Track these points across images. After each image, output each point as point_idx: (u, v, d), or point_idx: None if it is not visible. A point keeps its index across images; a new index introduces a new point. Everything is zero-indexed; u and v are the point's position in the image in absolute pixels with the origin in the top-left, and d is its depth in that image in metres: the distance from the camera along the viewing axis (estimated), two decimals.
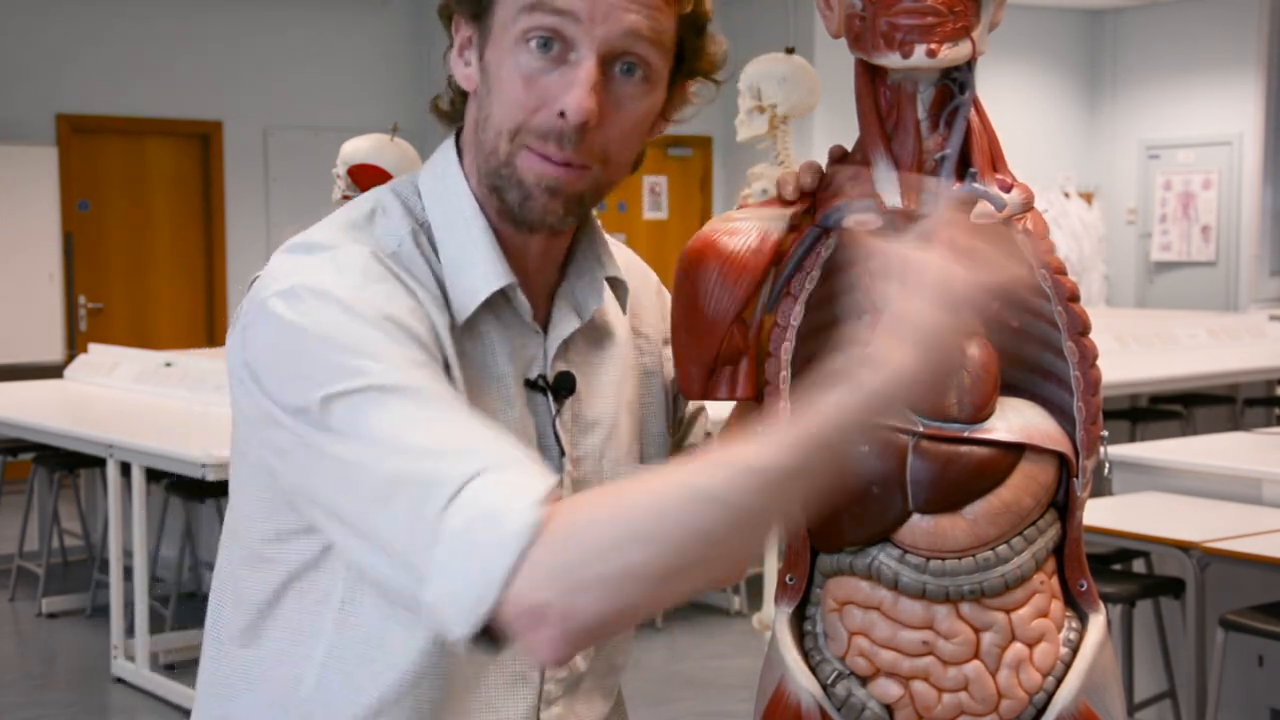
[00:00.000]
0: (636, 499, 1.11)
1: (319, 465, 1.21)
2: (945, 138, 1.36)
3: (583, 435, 1.44)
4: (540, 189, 1.32)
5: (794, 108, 4.55)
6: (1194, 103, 12.13)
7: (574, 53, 1.29)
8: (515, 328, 1.39)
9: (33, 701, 5.27)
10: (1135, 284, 12.63)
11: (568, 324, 1.42)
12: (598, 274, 1.45)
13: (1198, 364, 7.47)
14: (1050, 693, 1.36)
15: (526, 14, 1.29)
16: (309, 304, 1.25)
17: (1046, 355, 1.41)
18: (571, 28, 1.29)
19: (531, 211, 1.33)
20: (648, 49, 1.31)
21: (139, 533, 5.22)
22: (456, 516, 1.11)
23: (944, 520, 1.33)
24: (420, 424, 1.17)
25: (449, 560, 1.11)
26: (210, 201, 10.01)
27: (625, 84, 1.32)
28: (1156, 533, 3.82)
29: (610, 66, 1.31)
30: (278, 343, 1.25)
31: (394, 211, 1.38)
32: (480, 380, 1.35)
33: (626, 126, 1.33)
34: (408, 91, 10.41)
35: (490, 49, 1.33)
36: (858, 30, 1.34)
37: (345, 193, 4.21)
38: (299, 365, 1.23)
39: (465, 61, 1.38)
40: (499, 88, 1.32)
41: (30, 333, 8.99)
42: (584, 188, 1.34)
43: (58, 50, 9.33)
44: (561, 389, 1.41)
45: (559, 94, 1.29)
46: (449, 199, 1.38)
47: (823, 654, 1.39)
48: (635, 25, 1.30)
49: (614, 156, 1.34)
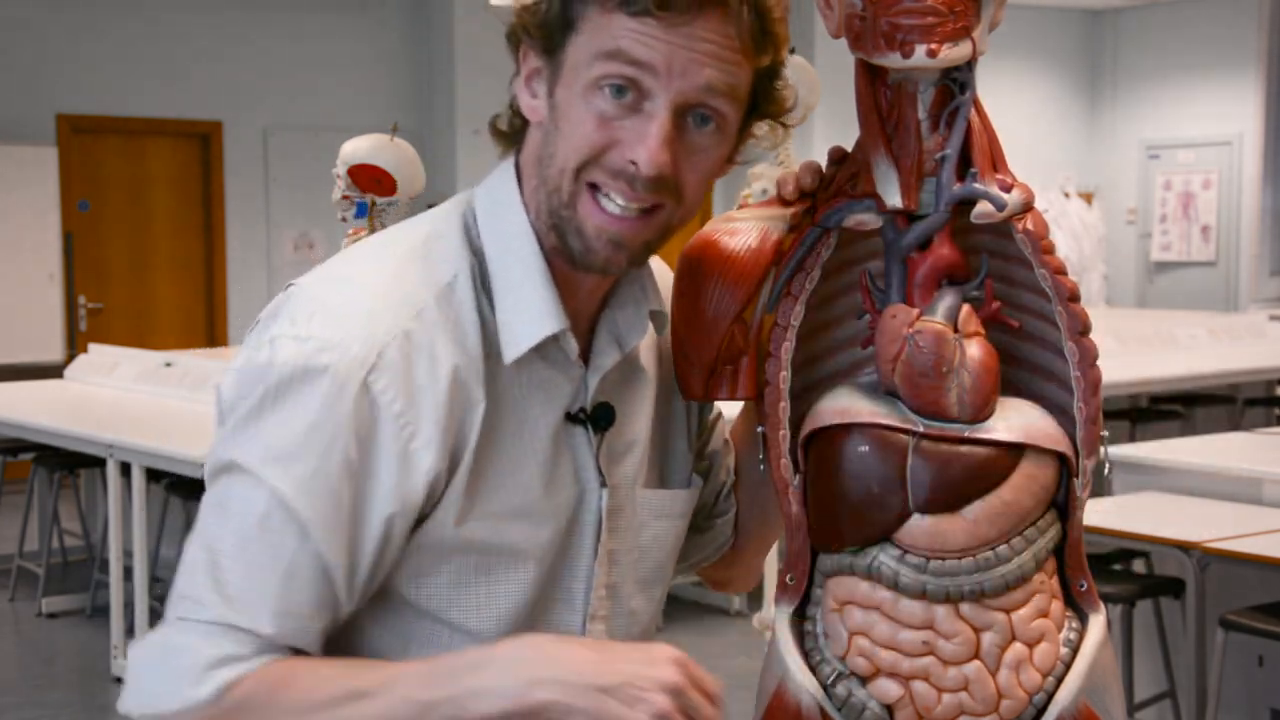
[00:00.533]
0: (283, 704, 1.23)
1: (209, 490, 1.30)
2: (945, 138, 1.36)
3: (616, 464, 1.42)
4: (602, 241, 1.30)
5: None
6: (1194, 103, 12.14)
7: (648, 102, 1.27)
8: (559, 365, 1.37)
9: (33, 701, 5.27)
10: (1135, 284, 12.63)
11: (608, 357, 1.40)
12: (642, 305, 1.42)
13: (1198, 364, 7.47)
14: (1050, 693, 1.36)
15: (602, 61, 1.27)
16: (309, 363, 1.26)
17: (1046, 355, 1.40)
18: (648, 79, 1.27)
19: (593, 263, 1.32)
20: (722, 102, 1.30)
21: (139, 533, 5.22)
22: (183, 635, 1.25)
23: (944, 520, 1.33)
24: (256, 551, 1.25)
25: (150, 655, 1.27)
26: (210, 202, 10.01)
27: (698, 134, 1.30)
28: (1156, 533, 3.82)
29: (683, 117, 1.29)
30: (260, 380, 1.28)
31: (453, 240, 1.36)
32: (514, 421, 1.34)
33: (698, 174, 1.32)
34: (407, 92, 10.41)
35: (561, 87, 1.30)
36: (858, 30, 1.34)
37: (345, 193, 4.21)
38: (255, 412, 1.27)
39: (532, 93, 1.34)
40: (568, 127, 1.30)
41: (30, 333, 8.99)
42: (650, 235, 1.32)
43: (58, 50, 9.33)
44: (601, 420, 1.39)
45: (632, 142, 1.27)
46: (506, 230, 1.36)
47: (823, 654, 1.39)
48: (712, 80, 1.28)
49: (687, 196, 1.33)
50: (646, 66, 1.26)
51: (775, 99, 1.38)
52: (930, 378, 1.34)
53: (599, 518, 1.39)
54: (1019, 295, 1.41)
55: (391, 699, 1.20)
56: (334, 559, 1.25)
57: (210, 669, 1.22)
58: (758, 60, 1.32)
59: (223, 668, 1.22)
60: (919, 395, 1.34)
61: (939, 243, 1.37)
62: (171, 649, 1.24)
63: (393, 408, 1.26)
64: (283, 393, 1.25)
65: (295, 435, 1.24)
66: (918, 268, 1.37)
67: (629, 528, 1.43)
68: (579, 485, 1.38)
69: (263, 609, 1.24)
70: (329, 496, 1.24)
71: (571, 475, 1.38)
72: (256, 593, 1.24)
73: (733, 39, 1.28)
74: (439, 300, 1.31)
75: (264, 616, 1.24)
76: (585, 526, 1.39)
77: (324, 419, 1.24)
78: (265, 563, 1.24)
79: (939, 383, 1.34)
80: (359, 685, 1.21)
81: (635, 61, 1.26)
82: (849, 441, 1.36)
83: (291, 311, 1.29)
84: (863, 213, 1.38)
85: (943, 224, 1.37)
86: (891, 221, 1.38)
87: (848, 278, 1.44)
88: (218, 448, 1.29)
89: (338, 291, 1.31)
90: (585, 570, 1.39)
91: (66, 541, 6.96)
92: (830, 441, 1.37)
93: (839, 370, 1.45)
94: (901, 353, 1.35)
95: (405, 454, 1.26)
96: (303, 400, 1.25)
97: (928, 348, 1.34)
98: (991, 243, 1.40)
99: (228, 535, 1.25)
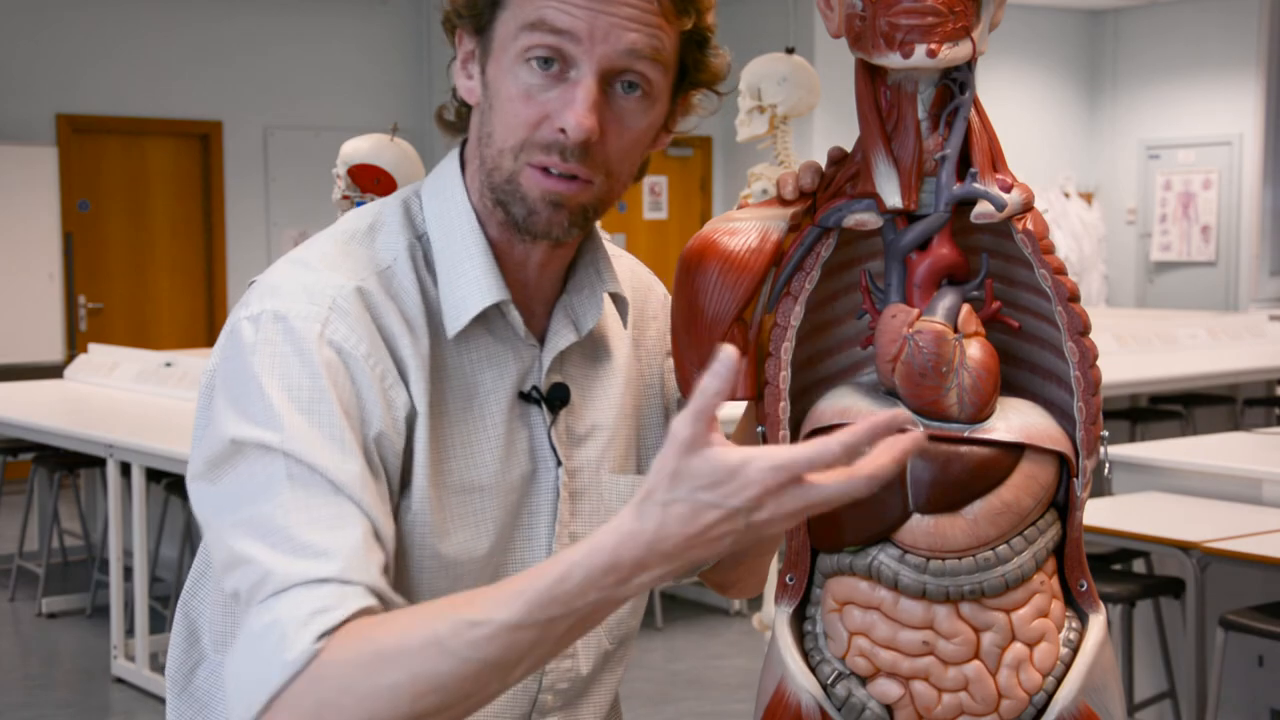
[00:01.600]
0: (386, 646, 1.14)
1: (213, 488, 1.27)
2: (945, 138, 1.36)
3: (577, 447, 1.44)
4: (544, 203, 1.33)
5: (794, 108, 4.55)
6: (1194, 103, 12.13)
7: (574, 70, 1.30)
8: (509, 341, 1.40)
9: (33, 701, 5.27)
10: (1135, 284, 12.63)
11: (563, 338, 1.43)
12: (597, 288, 1.45)
13: (1198, 364, 7.47)
14: (1050, 693, 1.36)
15: (527, 32, 1.30)
16: (267, 332, 1.28)
17: (1046, 355, 1.41)
18: (571, 46, 1.29)
19: (536, 224, 1.34)
20: (648, 66, 1.32)
21: (139, 533, 5.22)
22: (262, 617, 1.18)
23: (944, 520, 1.33)
24: (296, 509, 1.22)
25: (240, 654, 1.19)
26: (210, 201, 10.01)
27: (626, 100, 1.33)
28: (1156, 533, 3.82)
29: (610, 84, 1.31)
30: (231, 366, 1.30)
31: (394, 224, 1.40)
32: (465, 394, 1.37)
33: (628, 141, 1.34)
34: (408, 91, 10.41)
35: (492, 64, 1.34)
36: (858, 30, 1.34)
37: (345, 193, 4.21)
38: (235, 394, 1.28)
39: (468, 75, 1.38)
40: (500, 104, 1.33)
41: (30, 333, 8.99)
42: (587, 200, 1.35)
43: (58, 50, 9.33)
44: (555, 400, 1.42)
45: (560, 110, 1.30)
46: (448, 212, 1.40)
47: (823, 654, 1.39)
48: (635, 44, 1.30)
49: (616, 169, 1.35)
50: (569, 34, 1.29)
51: (706, 67, 1.40)
52: (930, 378, 1.34)
53: (555, 496, 1.42)
54: (1019, 295, 1.41)
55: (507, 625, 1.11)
56: (358, 495, 1.24)
57: (303, 626, 1.16)
58: (680, 23, 1.34)
59: (315, 621, 1.16)
60: (919, 395, 1.34)
61: (939, 243, 1.37)
62: (256, 635, 1.18)
63: (359, 349, 1.29)
64: (254, 366, 1.27)
65: (279, 399, 1.25)
66: (918, 268, 1.37)
67: (594, 512, 1.45)
68: (533, 463, 1.41)
69: (325, 553, 1.20)
70: (333, 443, 1.25)
71: (526, 453, 1.40)
72: (312, 542, 1.20)
73: (652, 3, 1.31)
74: (381, 277, 1.35)
75: (331, 558, 1.19)
76: (540, 505, 1.42)
77: (300, 376, 1.26)
78: (306, 516, 1.22)
79: (939, 383, 1.34)
80: (468, 616, 1.12)
81: (558, 30, 1.29)
82: None
83: (246, 299, 1.34)
84: (863, 213, 1.38)
85: (943, 224, 1.37)
86: (891, 221, 1.38)
87: (848, 278, 1.44)
88: (211, 436, 1.29)
89: (284, 270, 1.36)
90: (543, 549, 1.41)
91: (66, 541, 6.96)
92: None
93: (839, 370, 1.46)
94: (901, 353, 1.35)
95: (382, 389, 1.30)
96: (273, 366, 1.27)
97: (928, 348, 1.34)
98: (991, 243, 1.40)
99: (261, 506, 1.23)
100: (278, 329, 1.28)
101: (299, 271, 1.34)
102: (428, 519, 1.33)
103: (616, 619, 1.48)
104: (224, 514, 1.26)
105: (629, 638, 1.52)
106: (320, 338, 1.28)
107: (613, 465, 1.47)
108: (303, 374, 1.26)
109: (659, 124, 1.38)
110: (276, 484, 1.23)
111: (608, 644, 1.48)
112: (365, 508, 1.24)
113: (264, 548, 1.21)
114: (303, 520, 1.21)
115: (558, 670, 1.43)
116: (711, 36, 1.39)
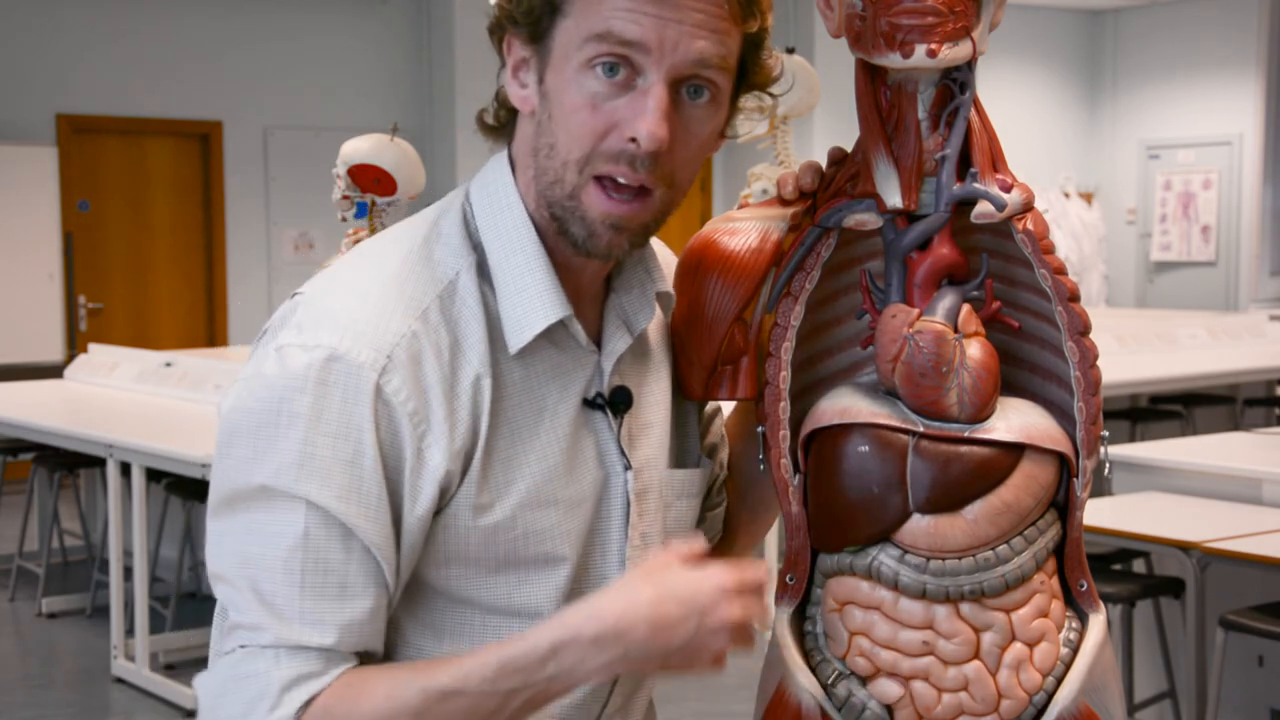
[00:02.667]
0: (363, 715, 1.23)
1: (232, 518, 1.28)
2: (945, 138, 1.36)
3: (637, 447, 1.42)
4: (605, 226, 1.30)
5: (794, 108, 4.55)
6: (1194, 103, 12.13)
7: (642, 78, 1.27)
8: (570, 350, 1.37)
9: (33, 701, 5.27)
10: (1135, 284, 12.63)
11: (620, 340, 1.40)
12: (648, 287, 1.42)
13: (1198, 364, 7.47)
14: (1050, 693, 1.36)
15: (594, 43, 1.27)
16: (320, 371, 1.26)
17: (1047, 355, 1.41)
18: (640, 56, 1.27)
19: (596, 248, 1.32)
20: (715, 73, 1.30)
21: (139, 533, 5.22)
22: (249, 662, 1.24)
23: (944, 520, 1.33)
24: (309, 569, 1.25)
25: (220, 683, 1.26)
26: (210, 201, 10.01)
27: (693, 107, 1.30)
28: (1156, 533, 3.82)
29: (678, 90, 1.29)
30: (273, 396, 1.27)
31: (454, 238, 1.36)
32: (530, 409, 1.34)
33: (694, 149, 1.32)
34: (408, 91, 10.41)
35: (551, 73, 1.30)
36: (858, 30, 1.34)
37: (345, 192, 4.21)
38: (273, 432, 1.26)
39: (521, 84, 1.34)
40: (563, 114, 1.29)
41: (30, 333, 8.98)
42: (649, 217, 1.32)
43: (58, 50, 9.33)
44: (619, 404, 1.40)
45: (630, 119, 1.27)
46: (504, 223, 1.36)
47: (823, 654, 1.39)
48: (704, 52, 1.28)
49: (679, 179, 1.32)
50: (639, 45, 1.26)
51: (762, 68, 1.38)
52: (930, 378, 1.34)
53: (626, 500, 1.40)
54: (1019, 295, 1.41)
55: (474, 693, 1.21)
56: (383, 557, 1.26)
57: (285, 690, 1.22)
58: (746, 26, 1.32)
59: (296, 687, 1.22)
60: (919, 395, 1.34)
61: (939, 243, 1.37)
62: (240, 677, 1.24)
63: (407, 406, 1.27)
64: (299, 406, 1.25)
65: (321, 447, 1.24)
66: (918, 268, 1.38)
67: (656, 509, 1.43)
68: (603, 469, 1.38)
69: (323, 623, 1.24)
70: (368, 500, 1.25)
71: (595, 460, 1.38)
72: (313, 609, 1.24)
73: (721, 7, 1.29)
74: (442, 299, 1.31)
75: (327, 631, 1.24)
76: (613, 510, 1.40)
77: (346, 427, 1.25)
78: (316, 579, 1.24)
79: (939, 383, 1.34)
80: (440, 684, 1.22)
81: (627, 41, 1.26)
82: (849, 441, 1.36)
83: (298, 320, 1.30)
84: (863, 213, 1.38)
85: (943, 224, 1.37)
86: (891, 221, 1.38)
87: (848, 278, 1.45)
88: (237, 471, 1.27)
89: (342, 298, 1.31)
90: (617, 555, 1.39)
91: (66, 541, 6.96)
92: (830, 441, 1.37)
93: (839, 370, 1.46)
94: (901, 353, 1.35)
95: (419, 451, 1.27)
96: (320, 411, 1.25)
97: (928, 348, 1.34)
98: (991, 243, 1.40)
99: (272, 558, 1.24)
100: (333, 371, 1.25)
101: (358, 305, 1.29)
102: (506, 536, 1.32)
103: None
104: (231, 545, 1.27)
105: None
106: (376, 389, 1.26)
107: (668, 461, 1.46)
108: (350, 425, 1.25)
109: (721, 128, 1.36)
110: (290, 538, 1.24)
111: None
112: (386, 569, 1.26)
113: (261, 603, 1.24)
114: (313, 582, 1.24)
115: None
116: (769, 38, 1.37)
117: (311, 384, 1.25)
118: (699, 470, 1.50)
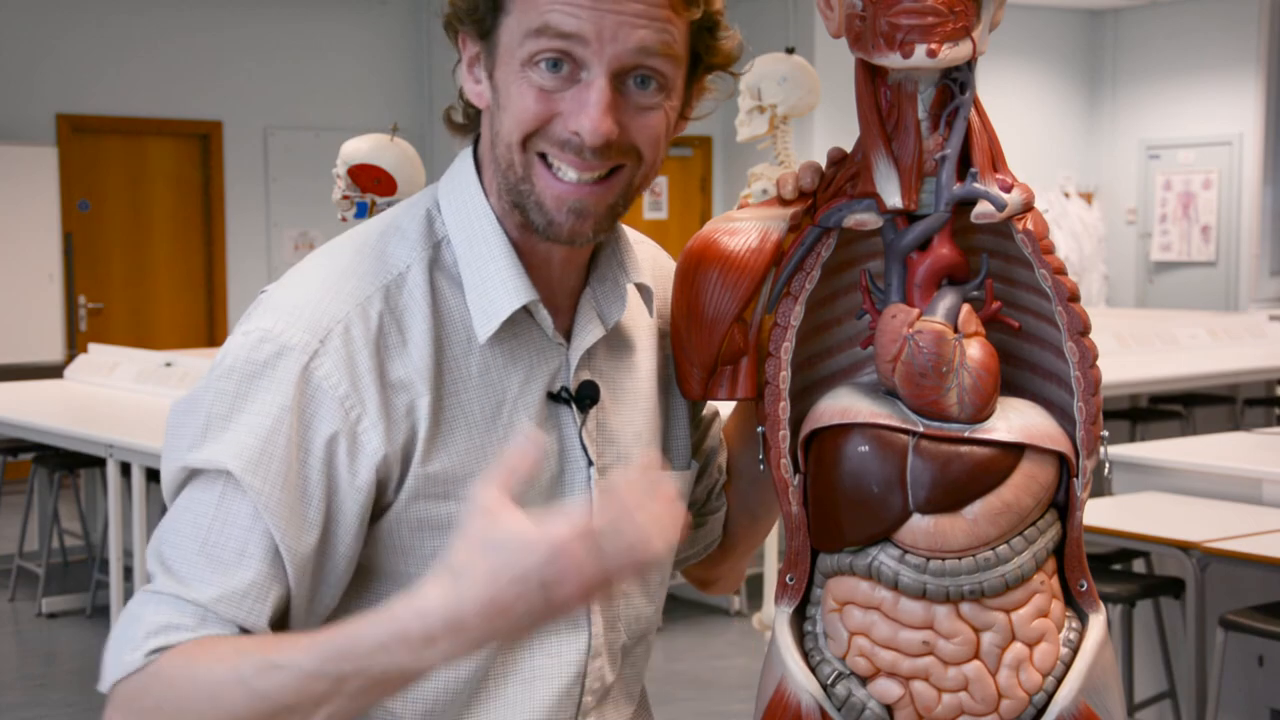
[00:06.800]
0: (200, 674, 1.20)
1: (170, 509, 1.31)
2: (945, 138, 1.36)
3: (608, 444, 1.42)
4: (563, 212, 1.31)
5: (794, 108, 4.55)
6: (1194, 103, 12.13)
7: (585, 72, 1.28)
8: (538, 342, 1.37)
9: (33, 701, 5.27)
10: (1135, 284, 12.63)
11: (590, 333, 1.40)
12: (621, 280, 1.42)
13: (1198, 364, 7.47)
14: (1050, 693, 1.36)
15: (533, 39, 1.27)
16: (250, 352, 1.28)
17: (1047, 355, 1.41)
18: (580, 49, 1.27)
19: (559, 234, 1.32)
20: (659, 61, 1.29)
21: (139, 533, 5.22)
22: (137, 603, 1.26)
23: (944, 520, 1.33)
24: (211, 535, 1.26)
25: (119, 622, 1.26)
26: (210, 201, 10.01)
27: (640, 95, 1.30)
28: (1156, 533, 3.82)
29: (623, 81, 1.29)
30: (212, 378, 1.30)
31: (411, 233, 1.37)
32: (489, 401, 1.34)
33: (649, 132, 1.32)
34: (408, 91, 10.41)
35: (499, 69, 1.31)
36: (858, 30, 1.34)
37: (345, 193, 4.21)
38: (207, 420, 1.28)
39: (475, 79, 1.36)
40: (509, 105, 1.30)
41: (30, 333, 8.99)
42: (613, 198, 1.33)
43: (58, 50, 9.33)
44: (585, 399, 1.39)
45: (574, 113, 1.28)
46: (467, 215, 1.37)
47: (823, 654, 1.39)
48: (645, 41, 1.28)
49: (648, 156, 1.33)
50: (577, 38, 1.26)
51: (718, 50, 1.38)
52: (930, 378, 1.34)
53: (587, 497, 1.38)
54: (1019, 295, 1.41)
55: (302, 672, 1.15)
56: (285, 540, 1.26)
57: (150, 635, 1.22)
58: (688, 13, 1.32)
59: (161, 635, 1.22)
60: (919, 395, 1.34)
61: (939, 243, 1.37)
62: (127, 619, 1.26)
63: (337, 391, 1.28)
64: (227, 385, 1.28)
65: (246, 423, 1.26)
66: (918, 268, 1.38)
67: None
68: (560, 464, 1.38)
69: (206, 582, 1.24)
70: (277, 478, 1.26)
71: (555, 455, 1.38)
72: (203, 569, 1.25)
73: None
74: (389, 289, 1.33)
75: (206, 588, 1.24)
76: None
77: (269, 405, 1.27)
78: (214, 543, 1.25)
79: (939, 383, 1.34)
80: (273, 657, 1.17)
81: (564, 34, 1.26)
82: (849, 441, 1.36)
83: (249, 313, 1.33)
84: (863, 213, 1.38)
85: (943, 224, 1.37)
86: (891, 221, 1.38)
87: (848, 278, 1.45)
88: (170, 460, 1.30)
89: (290, 288, 1.34)
90: None
91: (66, 541, 6.96)
92: (830, 441, 1.37)
93: (839, 370, 1.46)
94: (901, 353, 1.35)
95: (353, 435, 1.28)
96: (250, 391, 1.27)
97: (928, 348, 1.34)
98: (991, 243, 1.40)
99: (184, 524, 1.27)
100: (262, 351, 1.28)
101: (302, 290, 1.32)
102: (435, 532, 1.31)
103: (633, 613, 1.45)
104: (165, 521, 1.30)
105: (647, 634, 1.49)
106: (304, 371, 1.27)
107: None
108: (271, 404, 1.26)
109: (677, 111, 1.36)
110: (207, 504, 1.26)
111: (626, 639, 1.46)
112: (281, 547, 1.25)
113: (167, 560, 1.26)
114: (212, 544, 1.25)
115: (592, 670, 1.41)
116: (721, 20, 1.37)
117: (240, 363, 1.28)
118: (685, 472, 1.49)
